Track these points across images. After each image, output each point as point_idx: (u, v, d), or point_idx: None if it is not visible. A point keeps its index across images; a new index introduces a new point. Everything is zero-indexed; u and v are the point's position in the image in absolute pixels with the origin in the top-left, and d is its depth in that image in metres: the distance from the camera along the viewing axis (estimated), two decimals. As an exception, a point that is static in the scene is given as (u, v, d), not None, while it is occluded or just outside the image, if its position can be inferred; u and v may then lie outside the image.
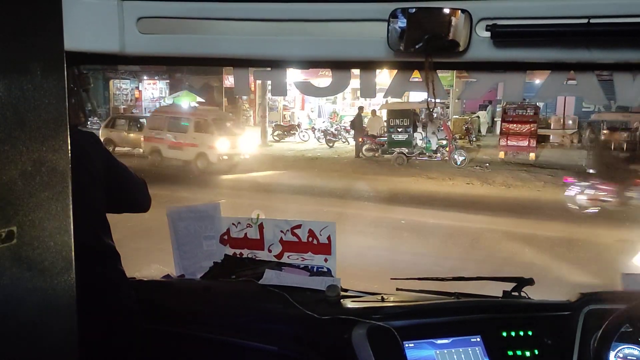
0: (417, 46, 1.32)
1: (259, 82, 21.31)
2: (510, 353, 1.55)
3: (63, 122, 0.88)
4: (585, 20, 1.23)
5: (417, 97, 18.61)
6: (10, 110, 0.79)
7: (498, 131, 18.14)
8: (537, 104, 17.39)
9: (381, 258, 6.41)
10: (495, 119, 21.80)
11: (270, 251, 2.13)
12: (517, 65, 1.43)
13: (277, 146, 19.80)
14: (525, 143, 16.21)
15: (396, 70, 1.51)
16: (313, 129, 21.92)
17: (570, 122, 21.51)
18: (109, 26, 1.41)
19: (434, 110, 16.32)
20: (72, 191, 1.33)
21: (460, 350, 1.54)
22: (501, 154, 16.44)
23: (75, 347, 0.92)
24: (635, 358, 1.52)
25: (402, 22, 1.31)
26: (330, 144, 19.66)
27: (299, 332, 1.69)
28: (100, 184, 1.62)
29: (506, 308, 1.77)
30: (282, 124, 23.17)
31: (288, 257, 2.12)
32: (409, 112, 16.82)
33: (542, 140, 19.72)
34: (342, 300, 1.79)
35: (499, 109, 19.88)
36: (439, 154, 16.26)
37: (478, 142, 20.22)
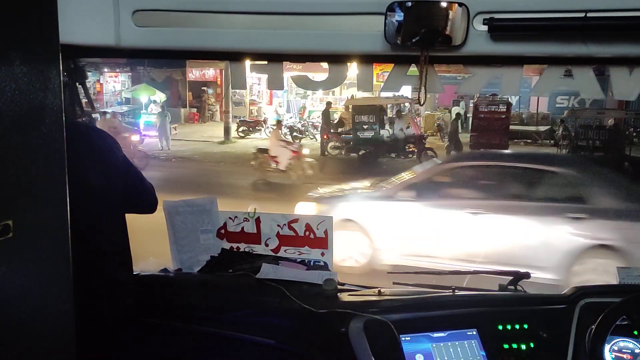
0: (414, 40, 1.32)
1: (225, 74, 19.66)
2: (505, 346, 1.56)
3: (59, 115, 0.88)
4: (582, 14, 1.22)
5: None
6: (5, 103, 0.79)
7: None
8: (509, 99, 16.46)
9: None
10: (468, 115, 20.17)
11: (267, 245, 2.14)
12: (514, 60, 1.43)
13: (241, 143, 18.35)
14: (497, 140, 15.14)
15: (393, 64, 1.51)
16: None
17: (545, 118, 20.64)
18: (105, 19, 1.40)
19: (402, 106, 15.60)
20: (89, 191, 1.35)
21: (457, 343, 1.55)
22: None
23: (73, 342, 0.92)
24: (630, 351, 1.53)
25: (399, 16, 1.31)
26: (297, 141, 17.53)
27: (296, 325, 1.69)
28: (117, 185, 1.63)
29: (502, 302, 1.77)
30: (247, 119, 21.40)
31: (285, 251, 2.12)
32: (375, 108, 15.68)
33: (515, 136, 18.56)
34: (339, 294, 1.79)
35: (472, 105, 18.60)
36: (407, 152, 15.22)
37: (451, 139, 19.52)
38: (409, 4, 1.30)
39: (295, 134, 18.57)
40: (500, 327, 1.60)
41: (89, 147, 1.54)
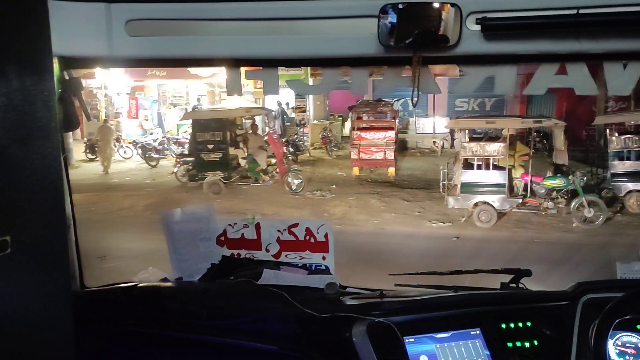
0: (407, 41, 1.33)
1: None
2: (509, 345, 1.56)
3: (54, 128, 0.87)
4: (574, 11, 1.23)
5: (272, 101, 14.64)
6: (0, 118, 0.78)
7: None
8: (394, 106, 14.32)
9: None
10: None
11: (267, 251, 2.13)
12: (507, 58, 1.44)
13: (85, 168, 15.16)
14: (381, 155, 12.98)
15: (386, 66, 1.51)
16: (134, 143, 16.19)
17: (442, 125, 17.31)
18: (97, 30, 1.40)
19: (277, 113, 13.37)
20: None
21: (460, 343, 1.54)
22: (355, 170, 13.18)
23: (72, 356, 0.92)
24: (633, 345, 1.53)
25: (392, 18, 1.31)
26: (153, 163, 15.04)
27: (298, 331, 1.69)
28: None
29: (504, 300, 1.77)
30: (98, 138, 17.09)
31: (286, 256, 2.11)
32: (223, 122, 12.13)
33: (409, 146, 17.15)
34: (341, 297, 1.79)
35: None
36: (268, 177, 12.38)
37: (339, 152, 16.69)
38: (402, 5, 1.30)
39: (149, 154, 15.06)
40: (504, 326, 1.59)
41: None
